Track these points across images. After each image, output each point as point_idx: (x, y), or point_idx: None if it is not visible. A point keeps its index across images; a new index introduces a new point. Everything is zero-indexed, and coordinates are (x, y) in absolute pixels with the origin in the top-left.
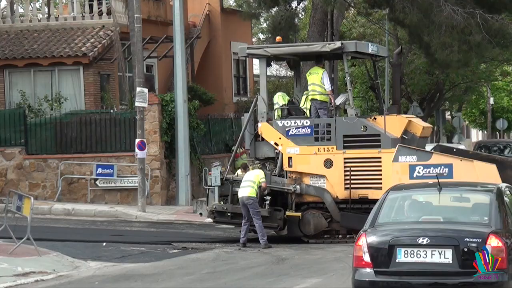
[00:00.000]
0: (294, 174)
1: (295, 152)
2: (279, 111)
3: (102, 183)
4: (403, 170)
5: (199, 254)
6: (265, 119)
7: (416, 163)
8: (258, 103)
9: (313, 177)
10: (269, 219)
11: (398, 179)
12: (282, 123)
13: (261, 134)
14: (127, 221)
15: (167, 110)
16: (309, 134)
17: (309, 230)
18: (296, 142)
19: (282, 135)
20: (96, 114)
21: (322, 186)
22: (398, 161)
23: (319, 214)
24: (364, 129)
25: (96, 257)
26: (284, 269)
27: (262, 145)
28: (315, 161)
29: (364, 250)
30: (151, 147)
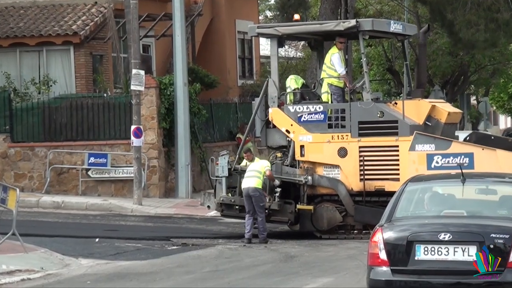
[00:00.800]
0: (307, 164)
1: (307, 140)
2: (291, 95)
3: (95, 174)
4: (420, 160)
5: (200, 251)
6: (276, 104)
7: (434, 152)
8: (268, 87)
9: (327, 167)
10: (279, 212)
11: (415, 170)
12: (293, 108)
13: (272, 120)
14: (122, 215)
15: (165, 94)
16: (322, 120)
17: (322, 225)
18: (308, 129)
19: (293, 121)
20: (88, 98)
21: (336, 177)
22: (415, 150)
23: (333, 207)
24: (380, 115)
25: (88, 254)
26: (292, 267)
27: (274, 132)
28: (329, 150)
29: (380, 246)
30: (148, 135)
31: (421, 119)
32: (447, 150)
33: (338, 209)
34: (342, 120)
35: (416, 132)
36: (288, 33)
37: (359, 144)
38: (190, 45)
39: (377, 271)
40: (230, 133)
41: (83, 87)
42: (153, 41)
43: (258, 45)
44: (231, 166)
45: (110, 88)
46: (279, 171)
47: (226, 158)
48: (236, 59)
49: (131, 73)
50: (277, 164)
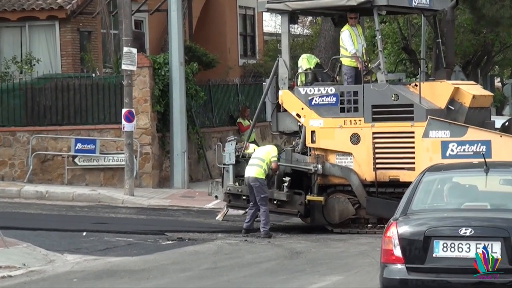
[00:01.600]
0: (318, 151)
1: (318, 125)
2: (302, 76)
3: (82, 161)
4: (435, 148)
5: (197, 246)
6: (287, 85)
7: (449, 139)
8: (279, 67)
9: (339, 155)
10: (288, 204)
11: (429, 158)
12: (304, 90)
13: (282, 103)
14: (111, 207)
15: (160, 75)
16: (334, 104)
17: (333, 218)
18: (319, 113)
19: (304, 104)
20: (75, 78)
21: (349, 165)
22: (428, 136)
23: (345, 199)
24: (395, 98)
25: (74, 249)
26: (298, 264)
27: (285, 116)
28: (341, 136)
29: (394, 242)
30: (140, 119)
31: (442, 103)
32: (463, 137)
33: (351, 201)
34: (354, 104)
35: (430, 117)
36: (299, 8)
37: (373, 130)
38: (187, 21)
39: (391, 269)
40: (230, 117)
41: (69, 66)
42: (146, 16)
43: (261, 21)
44: (239, 153)
45: (99, 67)
46: (289, 158)
47: (233, 144)
48: (237, 37)
49: (122, 52)
50: (287, 151)
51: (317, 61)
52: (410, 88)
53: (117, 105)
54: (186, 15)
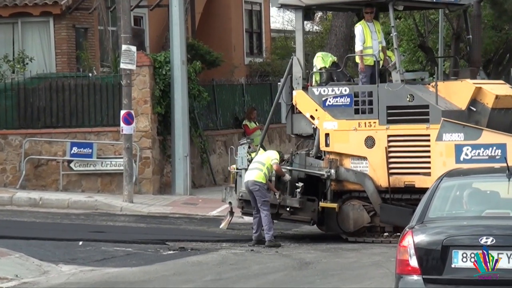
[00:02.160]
0: (333, 155)
1: (332, 128)
2: (316, 75)
3: (78, 166)
4: (448, 152)
5: (200, 257)
6: (301, 85)
7: (463, 142)
8: (293, 66)
9: (354, 159)
10: (301, 211)
11: (442, 163)
12: (318, 91)
13: (296, 104)
14: (109, 214)
15: (160, 74)
16: (348, 105)
17: (348, 226)
18: (333, 115)
19: (318, 105)
20: (71, 78)
21: (364, 170)
22: (442, 139)
23: (360, 206)
24: (410, 98)
25: (70, 260)
26: (308, 275)
27: (300, 118)
28: (355, 139)
29: (410, 252)
30: (140, 121)
31: (463, 104)
32: (477, 140)
33: (366, 208)
34: (369, 105)
35: (443, 119)
36: (314, 3)
37: (388, 133)
38: (189, 17)
39: (407, 281)
40: (235, 119)
41: (64, 65)
42: (146, 12)
43: (268, 17)
44: (251, 157)
45: (96, 66)
46: (303, 163)
47: (245, 147)
48: (243, 34)
49: (121, 50)
50: (300, 155)
51: (333, 60)
52: (430, 88)
53: (115, 107)
54: (189, 10)
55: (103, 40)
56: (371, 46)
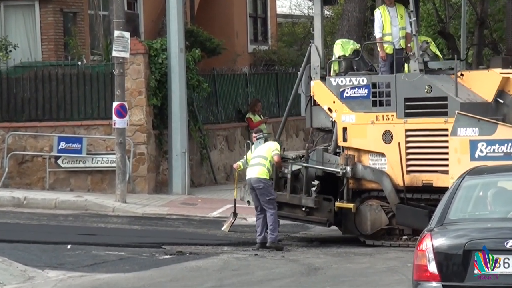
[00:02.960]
0: (351, 150)
1: (350, 121)
2: (335, 64)
3: (66, 163)
4: (463, 148)
5: (200, 262)
6: (319, 75)
7: (478, 138)
8: (311, 54)
9: (373, 156)
10: (317, 211)
11: (457, 160)
12: (336, 81)
13: (313, 95)
14: (100, 215)
15: (156, 63)
16: (366, 96)
17: (365, 228)
18: (351, 108)
19: (336, 97)
20: (58, 67)
21: (382, 168)
22: (456, 134)
23: (378, 206)
24: (428, 90)
25: (57, 265)
26: (317, 282)
27: (319, 110)
28: (373, 134)
29: (428, 257)
30: (134, 113)
31: (489, 96)
32: (492, 135)
33: (384, 209)
34: (387, 97)
35: (458, 112)
36: None
37: (405, 127)
38: (188, 0)
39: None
40: (238, 112)
41: (51, 53)
42: None
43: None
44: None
45: (85, 54)
46: (320, 159)
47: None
48: (247, 19)
49: (113, 36)
50: (318, 151)
51: (354, 48)
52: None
53: (107, 98)
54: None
55: (93, 25)
56: (390, 33)
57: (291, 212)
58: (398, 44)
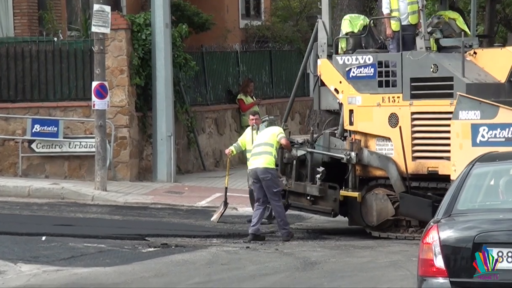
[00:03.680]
0: (358, 135)
1: (356, 103)
2: (342, 42)
3: (41, 147)
4: (465, 132)
5: (186, 255)
6: (326, 53)
7: (479, 121)
8: (318, 31)
9: (380, 141)
10: (322, 200)
11: (459, 146)
12: (342, 59)
13: (320, 75)
14: (78, 204)
15: (139, 39)
16: (372, 76)
17: (370, 219)
18: (357, 88)
19: (342, 77)
20: (32, 43)
21: (389, 154)
22: (458, 118)
23: (384, 195)
24: (434, 69)
25: (31, 258)
26: (313, 278)
27: (327, 91)
28: (379, 117)
29: (435, 250)
30: (115, 94)
31: (503, 76)
32: (494, 119)
33: (391, 198)
34: (393, 76)
35: (459, 94)
36: None
37: (411, 110)
38: None
39: (431, 284)
40: (229, 92)
41: (24, 28)
42: None
43: None
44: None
45: (62, 29)
46: (327, 144)
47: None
48: None
49: (92, 10)
50: (324, 135)
51: (364, 23)
52: (468, 57)
53: (85, 77)
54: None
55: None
56: (397, 9)
57: (297, 201)
58: (406, 21)
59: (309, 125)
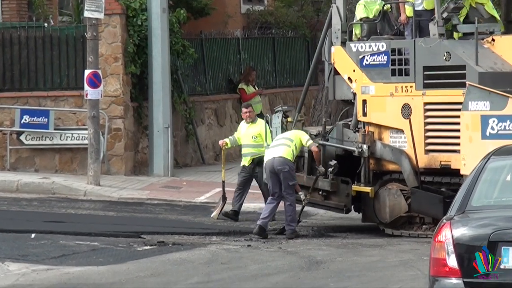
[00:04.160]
0: (372, 126)
1: (369, 93)
2: (356, 28)
3: (30, 139)
4: (474, 124)
5: (184, 253)
6: (340, 40)
7: (489, 113)
8: (332, 16)
9: (394, 133)
10: (334, 195)
11: (468, 138)
12: (356, 47)
13: (334, 63)
14: (70, 200)
15: (135, 25)
16: (385, 64)
17: (384, 215)
18: (370, 77)
19: (356, 65)
20: (21, 29)
21: (402, 146)
22: (468, 109)
23: (397, 190)
24: (447, 57)
25: (19, 257)
26: (319, 278)
27: (342, 81)
28: (392, 107)
29: (448, 249)
30: (109, 83)
31: None
32: (503, 110)
33: (404, 194)
34: (406, 65)
35: (469, 84)
36: None
37: (424, 100)
38: None
39: (444, 284)
40: (229, 81)
41: (13, 13)
42: None
43: None
44: (286, 128)
45: (53, 15)
46: (340, 136)
47: (279, 116)
48: None
49: None
50: (338, 127)
51: (380, 8)
52: (485, 44)
53: (78, 65)
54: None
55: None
56: None
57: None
58: (421, 6)
59: (314, 116)
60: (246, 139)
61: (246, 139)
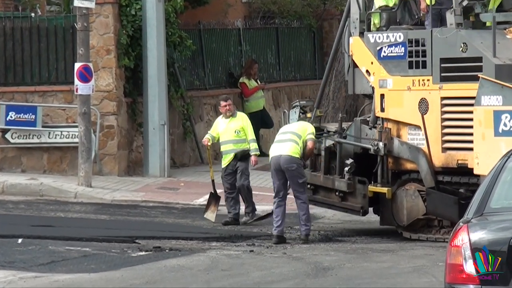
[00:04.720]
0: (390, 122)
1: (387, 87)
2: (375, 17)
3: (17, 138)
4: (487, 120)
5: (182, 259)
6: (358, 30)
7: (502, 108)
8: (351, 5)
9: (412, 129)
10: (351, 196)
11: (481, 135)
12: (374, 37)
13: (352, 55)
14: (60, 202)
15: (129, 14)
16: (403, 56)
17: (401, 218)
18: (388, 70)
19: (374, 57)
20: (6, 19)
21: (420, 144)
22: (480, 104)
23: (415, 191)
24: (463, 48)
25: (5, 263)
26: (326, 285)
27: (362, 74)
28: (409, 102)
29: (465, 254)
30: (101, 77)
31: None
32: None
33: (423, 195)
34: (423, 57)
35: (481, 77)
36: None
37: (441, 94)
38: None
39: None
40: (230, 75)
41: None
42: None
43: None
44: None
45: (40, 4)
46: (358, 133)
47: (297, 112)
48: None
49: None
50: (355, 123)
51: None
52: (508, 35)
53: (67, 58)
54: None
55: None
56: None
57: (327, 197)
58: None
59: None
60: (228, 135)
61: (228, 135)
